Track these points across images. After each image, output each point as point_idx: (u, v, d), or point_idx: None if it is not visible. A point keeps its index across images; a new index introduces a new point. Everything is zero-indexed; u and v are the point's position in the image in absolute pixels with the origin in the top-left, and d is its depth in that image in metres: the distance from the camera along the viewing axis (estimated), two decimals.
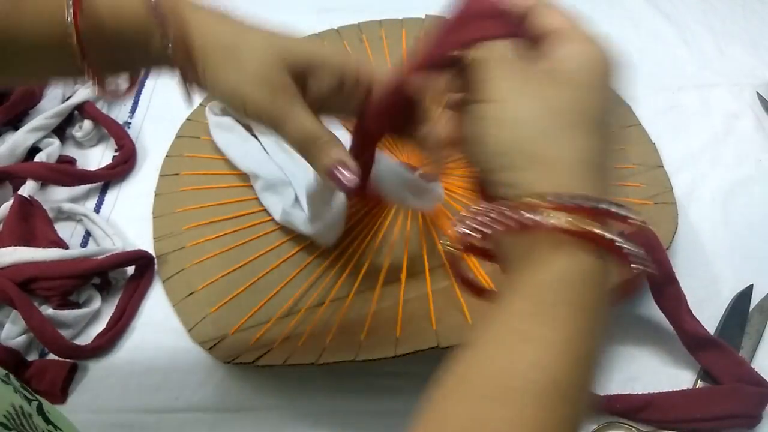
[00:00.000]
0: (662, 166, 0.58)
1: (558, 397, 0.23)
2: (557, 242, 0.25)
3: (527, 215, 0.24)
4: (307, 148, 0.36)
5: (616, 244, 0.24)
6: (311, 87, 0.36)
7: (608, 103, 0.27)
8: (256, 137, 0.60)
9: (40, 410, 0.34)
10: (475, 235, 0.26)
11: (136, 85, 0.39)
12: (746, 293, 0.52)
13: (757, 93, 0.67)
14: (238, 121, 0.61)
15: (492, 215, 0.25)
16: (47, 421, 0.34)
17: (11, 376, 0.34)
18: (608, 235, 0.24)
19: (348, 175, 0.35)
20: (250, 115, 0.35)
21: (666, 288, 0.47)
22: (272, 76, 0.34)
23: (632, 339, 0.50)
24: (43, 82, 0.40)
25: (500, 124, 0.27)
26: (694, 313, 0.48)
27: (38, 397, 0.34)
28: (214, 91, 0.35)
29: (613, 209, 0.25)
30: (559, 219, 0.24)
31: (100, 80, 0.35)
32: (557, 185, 0.25)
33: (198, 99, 0.64)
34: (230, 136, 0.60)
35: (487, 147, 0.27)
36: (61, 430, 0.35)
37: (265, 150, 0.58)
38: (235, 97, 0.34)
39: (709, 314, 0.51)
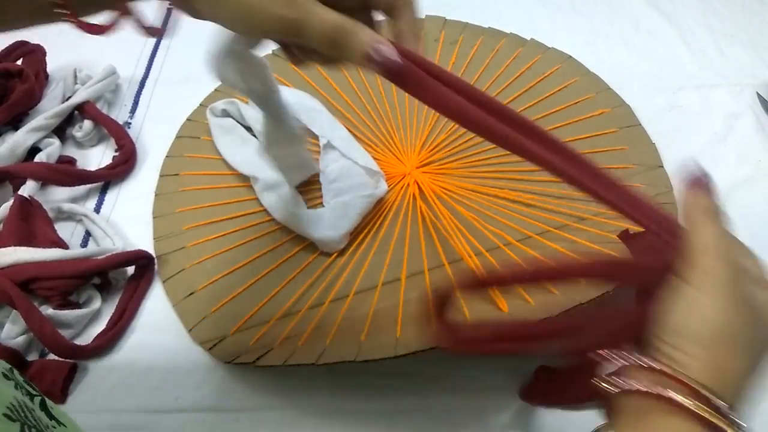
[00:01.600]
0: (662, 166, 0.58)
1: None
2: (673, 417, 0.27)
3: (668, 388, 0.27)
4: (336, 42, 0.32)
5: None
6: None
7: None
8: (256, 138, 0.60)
9: (43, 406, 0.34)
10: (614, 381, 0.29)
11: (124, 19, 0.36)
12: None
13: (757, 93, 0.67)
14: (238, 122, 0.61)
15: (631, 365, 0.29)
16: (50, 416, 0.34)
17: (15, 372, 0.34)
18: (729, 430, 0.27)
19: (387, 50, 0.32)
20: (267, 29, 0.32)
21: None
22: None
23: None
24: (17, 26, 0.38)
25: (692, 311, 0.29)
26: None
27: (40, 393, 0.35)
28: (216, 14, 0.32)
29: (736, 420, 0.27)
30: (693, 405, 0.27)
31: (74, 15, 0.33)
32: (708, 382, 0.27)
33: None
34: (230, 138, 0.60)
35: (668, 321, 0.29)
36: (64, 425, 0.35)
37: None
38: (247, 15, 0.31)
39: None
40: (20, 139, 0.60)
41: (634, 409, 0.29)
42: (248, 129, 0.61)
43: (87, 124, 0.63)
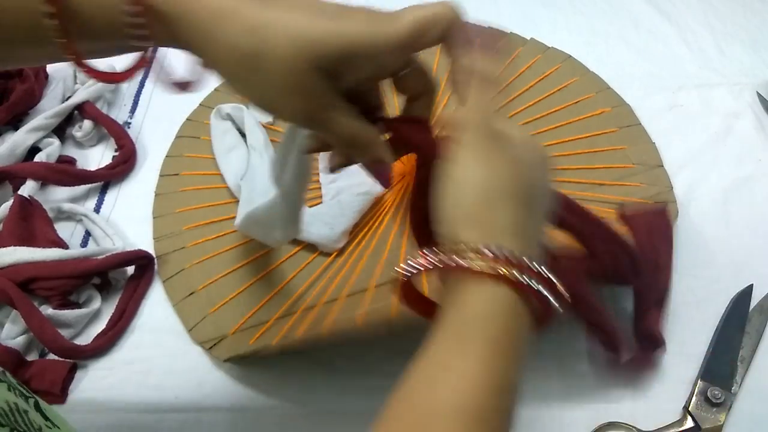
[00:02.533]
0: (662, 166, 0.58)
1: (476, 419, 0.26)
2: (480, 285, 0.29)
3: (457, 259, 0.29)
4: (352, 146, 0.34)
5: (530, 285, 0.29)
6: (349, 78, 0.32)
7: (540, 182, 0.33)
8: (246, 146, 0.59)
9: (38, 407, 0.34)
10: (416, 270, 0.31)
11: (139, 68, 0.37)
12: (746, 293, 0.52)
13: (757, 93, 0.67)
14: (238, 127, 0.61)
15: (432, 259, 0.30)
16: (45, 417, 0.34)
17: (7, 374, 0.33)
18: (522, 278, 0.28)
19: (385, 169, 0.36)
20: (285, 121, 0.36)
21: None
22: (305, 84, 0.30)
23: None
24: (21, 64, 0.39)
25: (454, 183, 0.31)
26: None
27: (35, 395, 0.35)
28: (238, 94, 0.33)
29: (532, 263, 0.29)
30: (481, 264, 0.28)
31: (80, 60, 0.33)
32: (488, 241, 0.29)
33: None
34: (219, 143, 0.60)
35: (441, 202, 0.31)
36: (58, 427, 0.35)
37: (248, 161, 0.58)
38: (264, 106, 0.32)
39: (709, 314, 0.51)
40: (20, 139, 0.60)
41: (451, 288, 0.30)
42: (242, 134, 0.60)
43: (87, 123, 0.63)
